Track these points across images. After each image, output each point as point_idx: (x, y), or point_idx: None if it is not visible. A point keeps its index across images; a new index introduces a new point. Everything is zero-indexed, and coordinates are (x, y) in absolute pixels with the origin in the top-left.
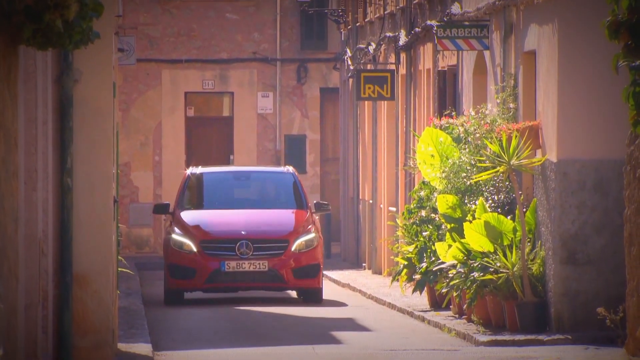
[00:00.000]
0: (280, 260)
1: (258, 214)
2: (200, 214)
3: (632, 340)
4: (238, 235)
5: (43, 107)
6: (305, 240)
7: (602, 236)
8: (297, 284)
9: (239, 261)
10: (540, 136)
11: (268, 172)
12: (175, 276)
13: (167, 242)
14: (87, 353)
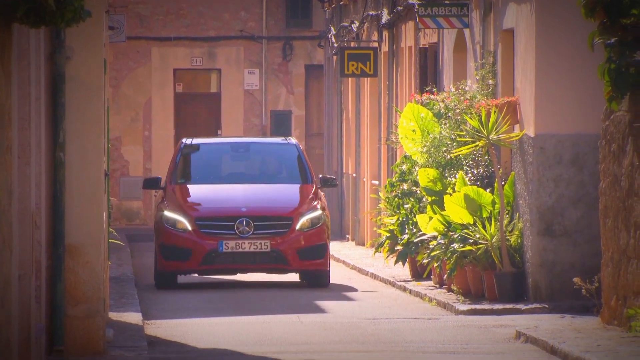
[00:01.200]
0: (283, 239)
1: (259, 189)
2: (195, 189)
3: (607, 309)
4: (237, 212)
5: (36, 83)
6: (311, 217)
7: (578, 208)
8: (302, 266)
9: (239, 240)
10: (518, 112)
11: (269, 143)
12: (167, 257)
13: (158, 220)
14: (79, 322)
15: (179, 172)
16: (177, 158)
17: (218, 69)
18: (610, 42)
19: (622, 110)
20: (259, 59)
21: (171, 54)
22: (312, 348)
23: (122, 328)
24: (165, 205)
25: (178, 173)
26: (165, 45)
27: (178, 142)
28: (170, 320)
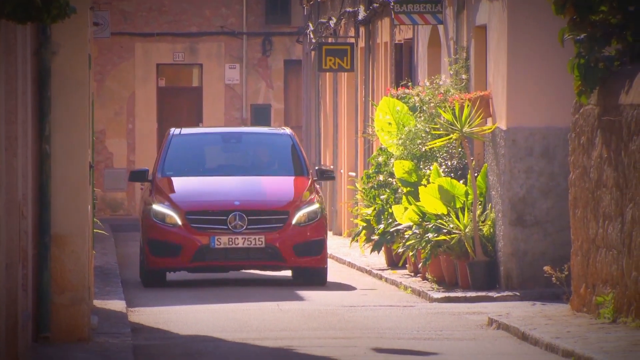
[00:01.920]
0: (279, 234)
1: (252, 181)
2: (185, 182)
3: (577, 297)
4: (230, 206)
5: (23, 78)
6: (308, 211)
7: (549, 199)
8: (298, 263)
9: (232, 236)
10: (490, 105)
11: (262, 133)
12: (155, 254)
13: (146, 214)
14: (65, 309)
15: (167, 163)
16: (166, 149)
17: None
18: (580, 37)
19: (591, 104)
20: (239, 54)
21: (154, 50)
22: (291, 334)
23: (107, 315)
24: (154, 199)
25: (167, 165)
26: (148, 40)
27: (166, 132)
28: (153, 307)
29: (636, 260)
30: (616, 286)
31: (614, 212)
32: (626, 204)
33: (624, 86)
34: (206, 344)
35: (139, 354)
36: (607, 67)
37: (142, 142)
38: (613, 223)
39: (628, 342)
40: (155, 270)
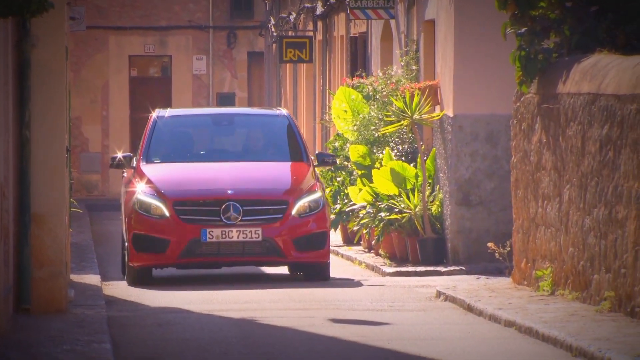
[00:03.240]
0: (277, 227)
1: (247, 168)
2: (172, 169)
3: (518, 271)
4: (223, 195)
5: (4, 68)
6: (309, 201)
7: (492, 181)
8: (299, 258)
9: (225, 228)
10: (438, 94)
11: (256, 114)
12: (140, 248)
13: (128, 205)
14: (44, 283)
15: (152, 148)
16: (150, 132)
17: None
18: (521, 31)
19: (531, 92)
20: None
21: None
22: (253, 306)
23: (83, 288)
24: (137, 188)
25: (152, 150)
26: (121, 34)
27: (151, 114)
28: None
29: (572, 237)
30: (554, 261)
31: (552, 192)
32: (563, 185)
33: (562, 76)
34: (175, 315)
35: (112, 324)
36: (546, 59)
37: (115, 128)
38: (551, 203)
39: (565, 313)
40: (139, 267)
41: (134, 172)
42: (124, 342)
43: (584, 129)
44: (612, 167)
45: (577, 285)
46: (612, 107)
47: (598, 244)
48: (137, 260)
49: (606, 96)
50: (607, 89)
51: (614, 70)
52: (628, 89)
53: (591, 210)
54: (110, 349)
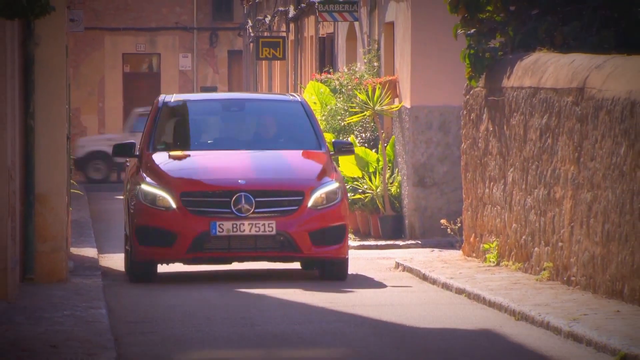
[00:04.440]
0: (292, 219)
1: (260, 156)
2: (179, 157)
3: (467, 245)
4: (234, 186)
5: (11, 64)
6: (326, 192)
7: (445, 165)
8: (315, 253)
9: (236, 221)
10: (397, 88)
11: (268, 100)
12: (145, 243)
13: (133, 196)
14: (47, 256)
15: (157, 136)
16: (155, 119)
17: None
18: (470, 32)
19: (479, 86)
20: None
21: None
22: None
23: (81, 260)
24: (142, 177)
25: (157, 137)
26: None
27: (155, 99)
28: (120, 254)
29: (515, 214)
30: (499, 236)
31: (497, 175)
32: (507, 169)
33: (506, 72)
34: (165, 284)
35: (107, 292)
36: (492, 57)
37: (110, 118)
38: (497, 184)
39: (509, 282)
40: (144, 261)
41: (138, 161)
42: (117, 308)
43: (526, 119)
44: (551, 153)
45: (520, 257)
46: (550, 99)
47: (538, 220)
48: (141, 255)
49: (545, 90)
50: (546, 83)
51: (553, 66)
52: (565, 83)
53: (532, 190)
54: (105, 314)
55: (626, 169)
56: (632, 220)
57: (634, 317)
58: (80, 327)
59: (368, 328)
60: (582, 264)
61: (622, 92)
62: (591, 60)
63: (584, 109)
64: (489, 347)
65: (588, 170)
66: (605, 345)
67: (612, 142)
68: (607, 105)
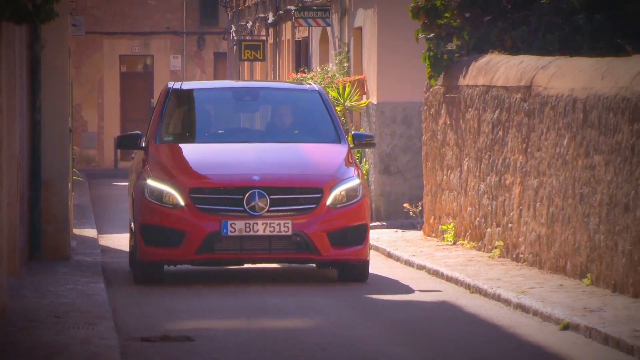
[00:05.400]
0: (310, 219)
1: (274, 150)
2: (188, 150)
3: (427, 226)
4: (248, 182)
5: (20, 65)
6: (347, 189)
7: (407, 154)
8: (335, 255)
9: (250, 220)
10: (365, 86)
11: (284, 89)
12: (151, 242)
13: (138, 192)
14: (52, 236)
15: (165, 127)
16: (162, 108)
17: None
18: (430, 36)
19: (438, 85)
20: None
21: (117, 44)
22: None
23: (83, 240)
24: (148, 172)
25: (164, 128)
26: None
27: (163, 87)
28: (118, 234)
29: (470, 199)
30: (456, 218)
31: (454, 164)
32: (463, 158)
33: (462, 72)
34: None
35: (105, 268)
36: (450, 58)
37: (108, 113)
38: (454, 172)
39: (464, 259)
40: (150, 262)
41: (144, 154)
42: (115, 282)
43: (480, 114)
44: (501, 144)
45: (474, 237)
46: (501, 96)
47: (490, 204)
48: (147, 255)
49: (497, 87)
50: (497, 81)
51: (503, 67)
52: (514, 81)
53: (485, 177)
54: (103, 288)
55: (568, 158)
56: (574, 203)
57: (575, 290)
58: (82, 299)
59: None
60: (529, 243)
61: (565, 89)
62: (537, 62)
63: (531, 105)
64: (447, 317)
65: (535, 160)
66: (549, 315)
67: (556, 134)
68: (552, 101)
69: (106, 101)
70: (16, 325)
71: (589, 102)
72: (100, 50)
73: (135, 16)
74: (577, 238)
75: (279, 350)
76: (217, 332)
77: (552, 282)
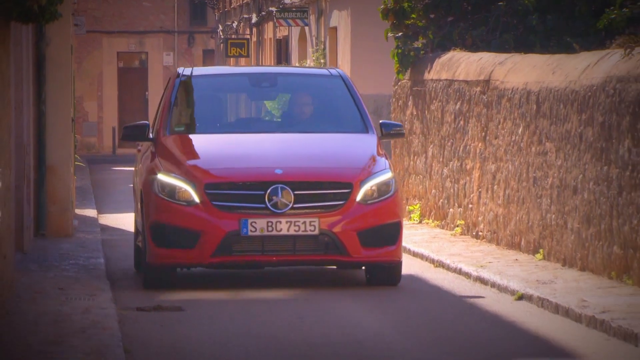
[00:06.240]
0: (338, 217)
1: (297, 141)
2: (203, 142)
3: None
4: (270, 176)
5: (26, 61)
6: (378, 183)
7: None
8: (367, 257)
9: (272, 219)
10: None
11: (305, 74)
12: (162, 244)
13: (148, 187)
14: (56, 215)
15: (176, 116)
16: (173, 96)
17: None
18: (398, 35)
19: (405, 79)
20: (173, 45)
21: (115, 42)
22: None
23: (84, 219)
24: (159, 166)
25: (175, 117)
26: (111, 36)
27: (173, 74)
28: (116, 214)
29: (434, 182)
30: (421, 199)
31: (420, 150)
32: (428, 145)
33: (427, 67)
34: None
35: (105, 245)
36: (416, 55)
37: (107, 104)
38: (419, 158)
39: (429, 236)
40: (161, 265)
41: (152, 145)
42: (113, 258)
43: (443, 105)
44: (463, 132)
45: (438, 216)
46: (462, 89)
47: (453, 187)
48: (158, 258)
49: (459, 81)
50: (459, 76)
51: (464, 63)
52: (474, 76)
53: (448, 162)
54: (103, 263)
55: (523, 145)
56: (528, 186)
57: (529, 264)
58: (83, 273)
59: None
60: (487, 222)
61: (519, 83)
62: (495, 58)
63: (489, 97)
64: (413, 289)
65: (493, 146)
66: (506, 287)
67: (512, 123)
68: (508, 94)
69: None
70: (24, 296)
71: (542, 94)
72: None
73: (132, 17)
74: (531, 217)
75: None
76: (206, 303)
77: (508, 257)
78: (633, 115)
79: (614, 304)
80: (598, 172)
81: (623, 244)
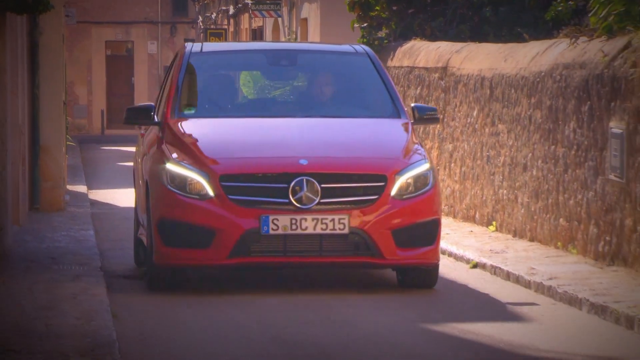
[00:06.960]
0: (371, 213)
1: (322, 127)
2: (216, 127)
3: None
4: (294, 167)
5: (21, 49)
6: (415, 176)
7: None
8: (402, 259)
9: (296, 215)
10: None
11: (327, 51)
12: (171, 242)
13: (155, 178)
14: (49, 191)
15: (184, 98)
16: (181, 75)
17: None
18: (364, 26)
19: None
20: (156, 35)
21: (103, 32)
22: None
23: (75, 195)
24: (167, 154)
25: (183, 99)
26: (100, 26)
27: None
28: (105, 190)
29: None
30: None
31: None
32: None
33: (390, 55)
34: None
35: (94, 218)
36: (380, 44)
37: (96, 88)
38: None
39: None
40: (170, 266)
41: (158, 131)
42: (102, 230)
43: (405, 90)
44: None
45: None
46: (422, 75)
47: None
48: (165, 258)
49: (419, 68)
50: (419, 63)
51: (424, 51)
52: (433, 63)
53: None
54: (93, 234)
55: (477, 126)
56: (482, 164)
57: (482, 235)
58: (74, 244)
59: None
60: (445, 197)
61: (474, 70)
62: (452, 47)
63: (447, 83)
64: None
65: (450, 128)
66: (462, 256)
67: (467, 107)
68: (464, 79)
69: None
70: (19, 265)
71: (495, 80)
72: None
73: (118, 8)
74: (484, 192)
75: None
76: None
77: (464, 229)
78: (578, 99)
79: (560, 272)
80: (546, 151)
81: (568, 216)
